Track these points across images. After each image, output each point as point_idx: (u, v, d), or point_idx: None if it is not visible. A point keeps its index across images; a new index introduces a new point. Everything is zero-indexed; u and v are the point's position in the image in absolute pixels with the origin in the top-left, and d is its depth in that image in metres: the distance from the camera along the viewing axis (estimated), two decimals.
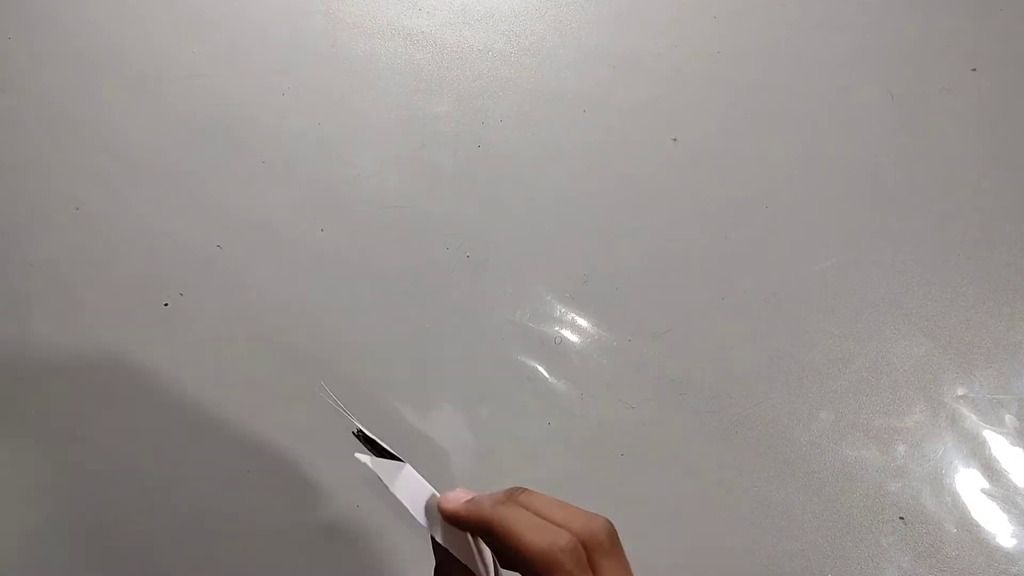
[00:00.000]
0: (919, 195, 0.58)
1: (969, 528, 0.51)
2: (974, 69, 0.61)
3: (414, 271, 0.58)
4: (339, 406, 0.41)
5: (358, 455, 0.40)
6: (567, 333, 0.56)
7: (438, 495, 0.38)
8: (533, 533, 0.32)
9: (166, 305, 0.57)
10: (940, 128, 0.60)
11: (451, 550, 0.37)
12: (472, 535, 0.37)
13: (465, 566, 0.37)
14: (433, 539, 0.38)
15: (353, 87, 0.62)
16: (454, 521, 0.37)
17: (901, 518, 0.52)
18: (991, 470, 0.52)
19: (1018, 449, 0.52)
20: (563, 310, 0.57)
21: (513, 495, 0.35)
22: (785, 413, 0.54)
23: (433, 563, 0.38)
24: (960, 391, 0.54)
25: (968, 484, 0.52)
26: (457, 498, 0.37)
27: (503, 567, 0.38)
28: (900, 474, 0.53)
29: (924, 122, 0.60)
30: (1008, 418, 0.53)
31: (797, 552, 0.51)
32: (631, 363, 0.56)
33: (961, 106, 0.60)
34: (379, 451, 0.40)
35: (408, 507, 0.39)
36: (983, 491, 0.52)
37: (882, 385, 0.55)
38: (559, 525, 0.33)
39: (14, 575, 0.53)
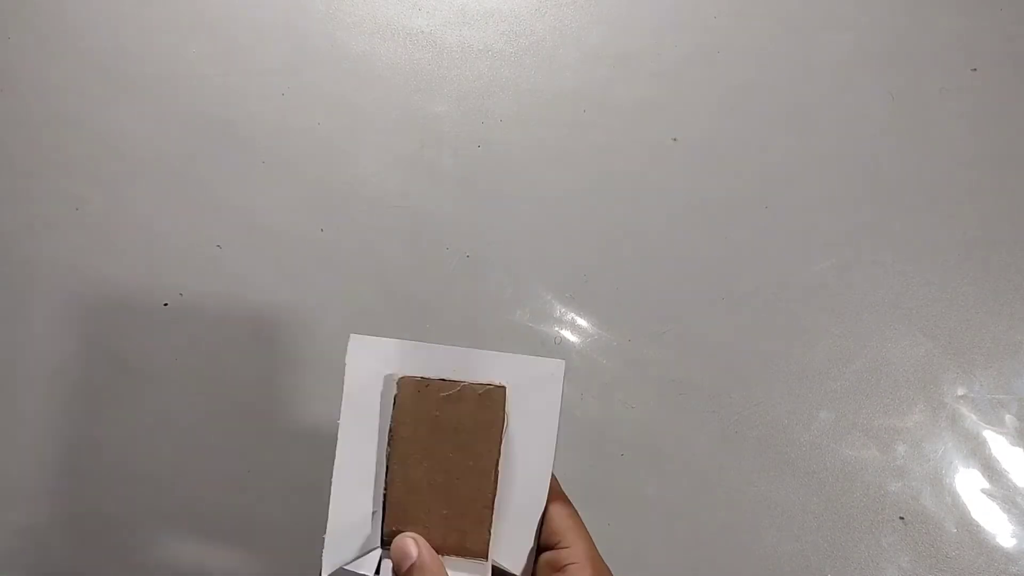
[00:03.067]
0: (919, 195, 0.58)
1: (969, 528, 0.51)
2: (974, 69, 0.61)
3: (414, 271, 0.58)
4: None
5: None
6: (567, 333, 0.56)
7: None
8: None
9: (166, 305, 0.57)
10: (940, 128, 0.60)
11: None
12: None
13: None
14: None
15: (353, 87, 0.62)
16: None
17: (901, 518, 0.52)
18: (991, 470, 0.52)
19: (1018, 449, 0.52)
20: (563, 310, 0.57)
21: None
22: (785, 413, 0.54)
23: None
24: (960, 391, 0.54)
25: (968, 484, 0.52)
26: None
27: None
28: (900, 474, 0.53)
29: (924, 122, 0.60)
30: (1008, 418, 0.53)
31: (797, 552, 0.51)
32: (631, 363, 0.56)
33: (961, 106, 0.60)
34: None
35: None
36: (983, 491, 0.52)
37: (882, 385, 0.55)
38: None
39: (14, 575, 0.53)
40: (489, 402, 0.39)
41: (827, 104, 0.61)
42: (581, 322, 0.57)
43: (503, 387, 0.38)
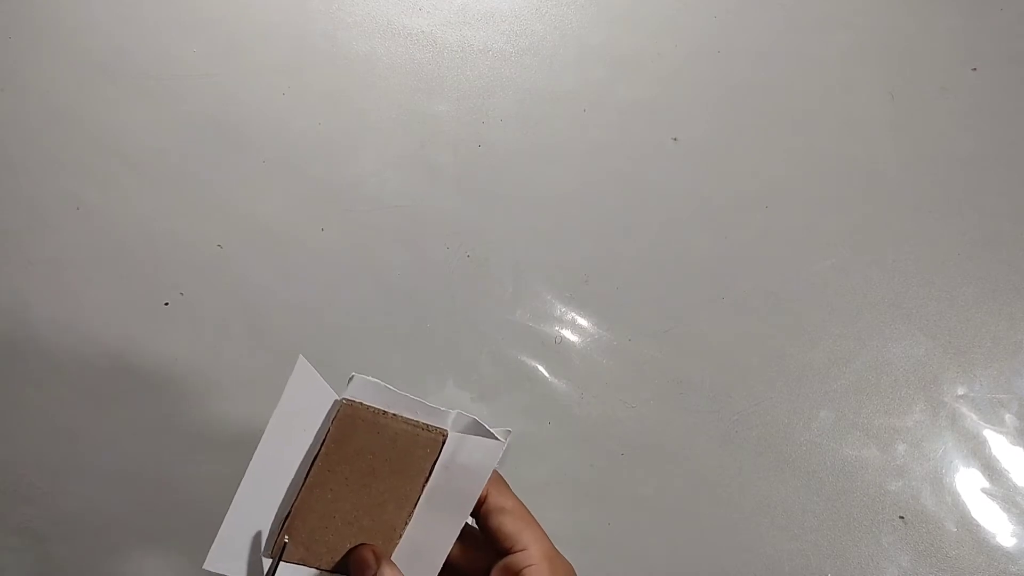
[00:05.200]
0: (919, 195, 0.58)
1: (969, 528, 0.51)
2: (974, 69, 0.61)
3: (414, 271, 0.58)
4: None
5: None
6: (567, 333, 0.56)
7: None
8: None
9: (166, 304, 0.57)
10: (940, 128, 0.60)
11: None
12: None
13: None
14: None
15: (353, 87, 0.62)
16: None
17: (901, 518, 0.52)
18: (991, 470, 0.52)
19: (1018, 449, 0.53)
20: (563, 310, 0.57)
21: None
22: (785, 413, 0.54)
23: None
24: (960, 391, 0.54)
25: (968, 484, 0.52)
26: None
27: None
28: (900, 474, 0.53)
29: (924, 122, 0.60)
30: (1008, 418, 0.53)
31: (797, 552, 0.51)
32: (631, 363, 0.56)
33: (961, 106, 0.60)
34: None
35: None
36: (983, 491, 0.52)
37: (882, 385, 0.55)
38: None
39: (14, 575, 0.53)
40: (425, 443, 0.37)
41: (827, 104, 0.61)
42: (581, 322, 0.57)
43: (444, 432, 0.37)
